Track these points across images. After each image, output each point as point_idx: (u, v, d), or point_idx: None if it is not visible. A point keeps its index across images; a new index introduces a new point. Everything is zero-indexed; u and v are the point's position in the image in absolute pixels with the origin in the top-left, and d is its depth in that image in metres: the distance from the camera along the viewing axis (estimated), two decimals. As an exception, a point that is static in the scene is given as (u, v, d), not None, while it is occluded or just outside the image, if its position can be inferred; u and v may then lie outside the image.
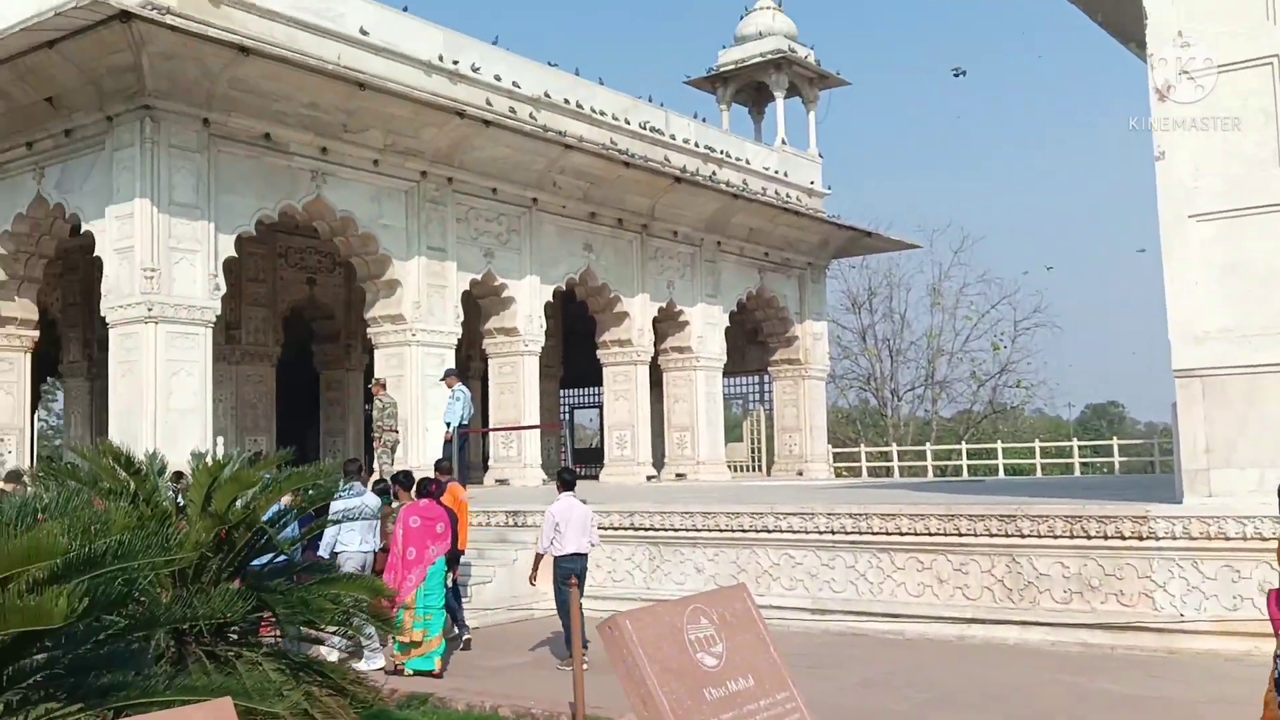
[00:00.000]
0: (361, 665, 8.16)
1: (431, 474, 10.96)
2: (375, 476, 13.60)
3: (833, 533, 10.81)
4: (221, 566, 5.96)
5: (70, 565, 2.90)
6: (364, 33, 17.63)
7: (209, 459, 6.14)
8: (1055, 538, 9.63)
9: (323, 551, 9.44)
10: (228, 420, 20.77)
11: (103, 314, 15.38)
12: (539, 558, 9.46)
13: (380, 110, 17.20)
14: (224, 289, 15.70)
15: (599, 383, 23.81)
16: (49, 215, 16.26)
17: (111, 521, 3.07)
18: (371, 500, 9.81)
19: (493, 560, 11.89)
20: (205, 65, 14.98)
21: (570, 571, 8.74)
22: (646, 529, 11.91)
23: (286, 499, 6.37)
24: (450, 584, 9.78)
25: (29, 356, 17.39)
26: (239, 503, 5.98)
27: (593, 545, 9.55)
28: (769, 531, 11.19)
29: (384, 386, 16.74)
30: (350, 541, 9.65)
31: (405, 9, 18.85)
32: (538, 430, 20.19)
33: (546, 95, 20.86)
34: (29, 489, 12.37)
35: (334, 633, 6.14)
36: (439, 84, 18.68)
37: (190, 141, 15.31)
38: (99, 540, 2.98)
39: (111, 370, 15.35)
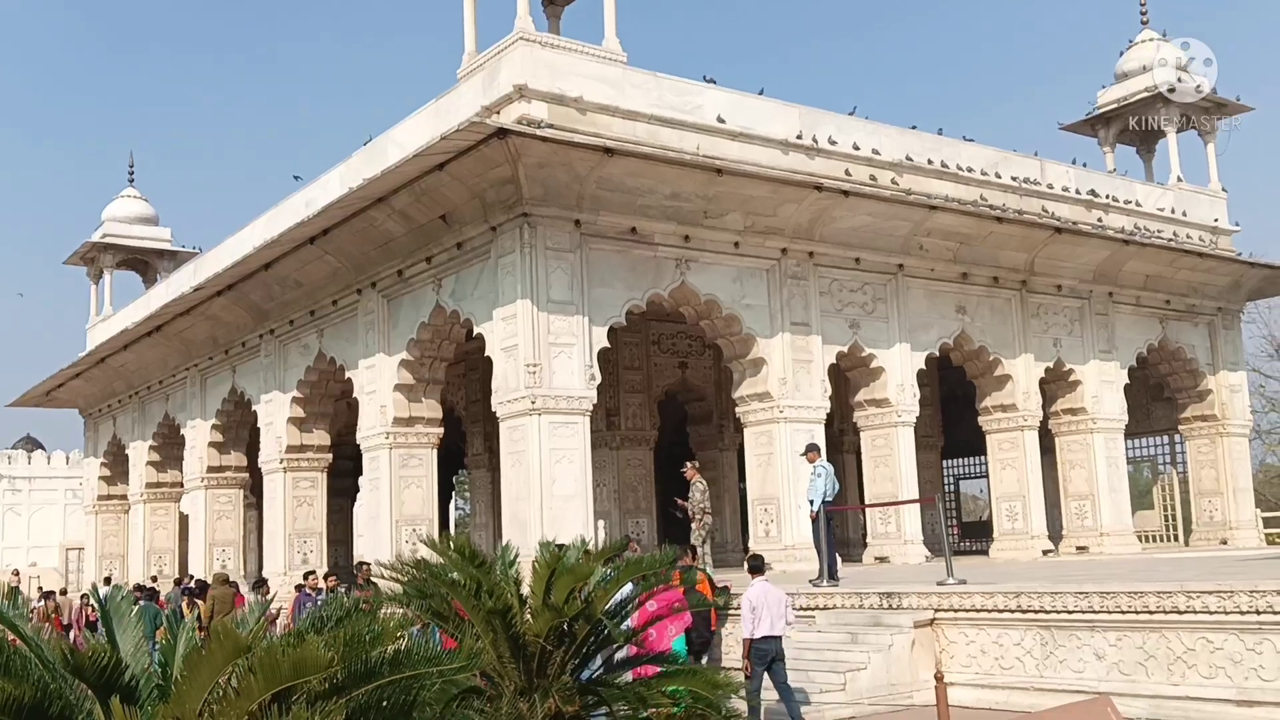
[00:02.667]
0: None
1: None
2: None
3: (1258, 612, 9.29)
4: (565, 659, 6.00)
5: (344, 681, 2.89)
6: (721, 120, 18.06)
7: (553, 548, 6.23)
8: None
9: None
10: (610, 503, 21.65)
11: (493, 409, 16.58)
12: (747, 643, 9.77)
13: (738, 193, 17.47)
14: (599, 378, 16.41)
15: (983, 451, 22.45)
16: (447, 322, 17.85)
17: (386, 630, 3.01)
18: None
19: (867, 645, 11.30)
20: (574, 170, 15.94)
21: (765, 653, 9.49)
22: (1036, 611, 10.86)
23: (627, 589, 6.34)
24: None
25: (435, 452, 19.05)
26: (582, 594, 6.03)
27: (789, 625, 10.05)
28: (1180, 612, 9.82)
29: (698, 470, 16.77)
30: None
31: (761, 92, 19.18)
32: (917, 505, 19.26)
33: (908, 159, 20.31)
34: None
35: (678, 728, 5.97)
36: (796, 160, 18.72)
37: (563, 242, 16.27)
38: (372, 650, 2.95)
39: (503, 460, 16.46)
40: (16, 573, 39.97)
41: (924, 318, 20.11)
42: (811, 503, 13.96)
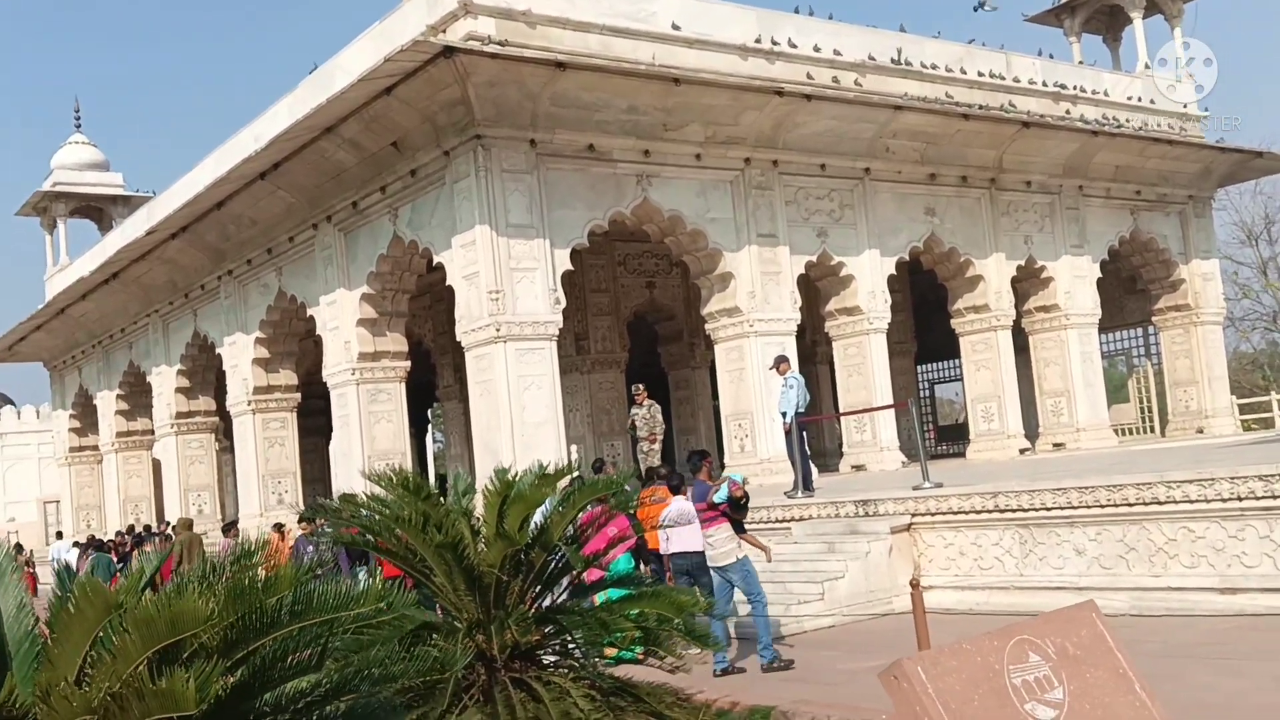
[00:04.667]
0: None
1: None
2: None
3: (1239, 499, 9.20)
4: (523, 589, 5.76)
5: (238, 635, 2.61)
6: (676, 28, 17.49)
7: (505, 475, 5.95)
8: None
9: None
10: (585, 428, 21.47)
11: (458, 338, 16.24)
12: (666, 559, 10.05)
13: (697, 103, 16.98)
14: (564, 302, 16.07)
15: (958, 355, 22.31)
16: (405, 252, 17.41)
17: (282, 576, 2.72)
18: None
19: (844, 554, 11.18)
20: (526, 87, 15.40)
21: (681, 568, 9.61)
22: (1014, 510, 10.74)
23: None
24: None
25: (403, 386, 18.73)
26: (533, 521, 5.76)
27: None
28: (1160, 503, 9.71)
29: (646, 393, 16.81)
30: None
31: (715, -3, 18.55)
32: (891, 411, 19.12)
33: (871, 58, 19.79)
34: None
35: (643, 654, 5.75)
36: (756, 66, 18.19)
37: (519, 163, 15.80)
38: (267, 598, 2.65)
39: (471, 390, 16.20)
40: (-7, 529, 39.80)
41: (893, 222, 19.77)
42: (784, 415, 13.77)
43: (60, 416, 33.51)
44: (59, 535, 30.09)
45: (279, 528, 18.55)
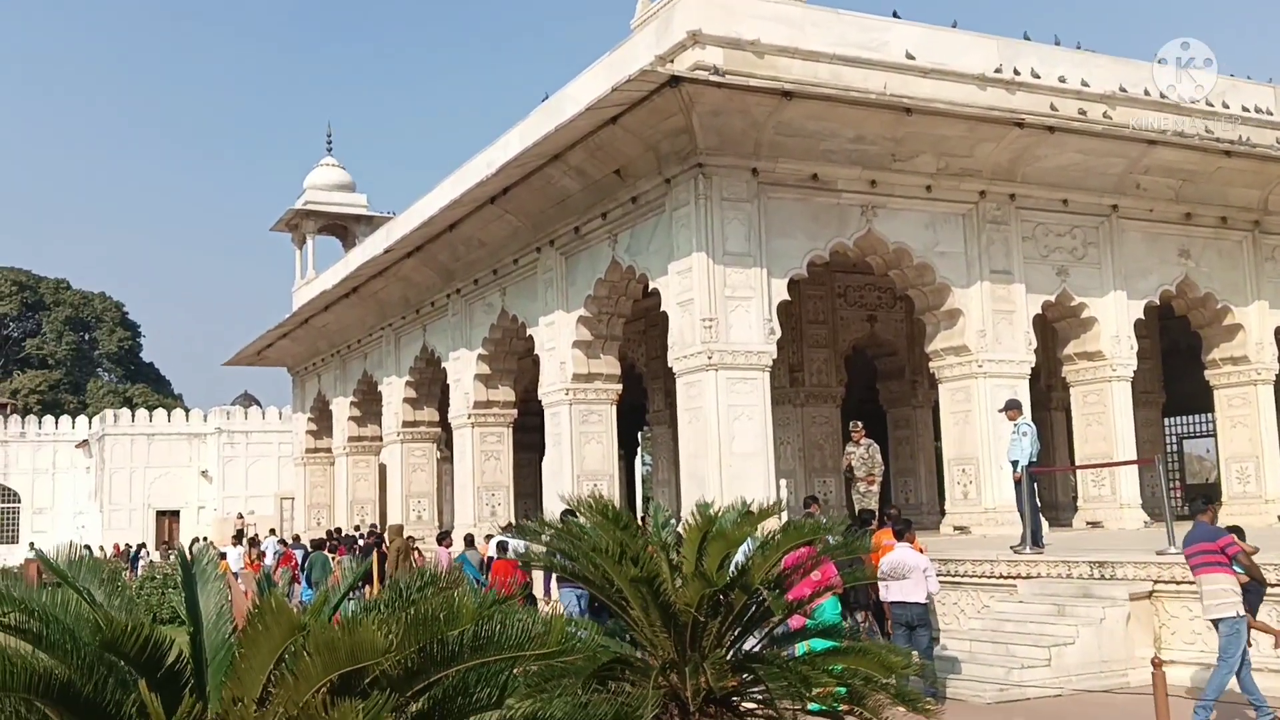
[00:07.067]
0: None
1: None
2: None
3: None
4: (721, 631, 5.45)
5: (419, 665, 2.44)
6: (910, 57, 16.88)
7: (707, 510, 5.67)
8: None
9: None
10: (795, 462, 20.92)
11: (670, 364, 16.14)
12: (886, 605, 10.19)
13: (929, 133, 16.31)
14: (778, 332, 15.70)
15: (1211, 408, 20.52)
16: (623, 277, 17.48)
17: (463, 609, 2.52)
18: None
19: (1075, 618, 10.30)
20: (750, 116, 15.19)
21: (898, 618, 9.74)
22: (1273, 585, 9.61)
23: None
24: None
25: (614, 408, 18.80)
26: (734, 560, 5.46)
27: (931, 593, 10.09)
28: None
29: (863, 431, 16.05)
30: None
31: (954, 25, 17.87)
32: (1134, 466, 17.70)
33: (1121, 90, 18.50)
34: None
35: (846, 709, 5.32)
36: (994, 97, 17.32)
37: (740, 192, 15.58)
38: (448, 631, 2.46)
39: (680, 417, 16.03)
40: (241, 516, 42.79)
41: (1142, 263, 18.41)
42: (1015, 464, 12.96)
43: (299, 419, 35.64)
44: (271, 532, 32.00)
45: (444, 538, 18.94)
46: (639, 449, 38.60)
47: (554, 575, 11.71)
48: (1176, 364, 23.82)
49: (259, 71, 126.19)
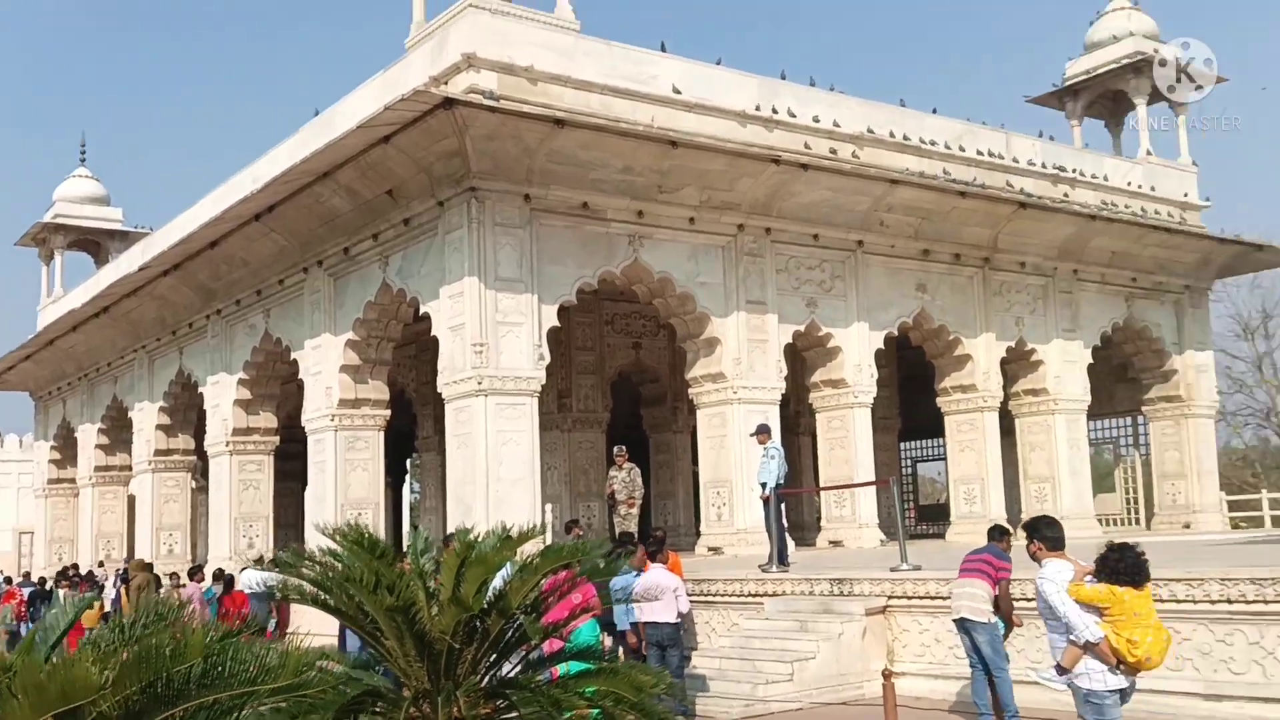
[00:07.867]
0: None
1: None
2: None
3: (1229, 601, 8.96)
4: (476, 658, 5.55)
5: (142, 705, 2.43)
6: (677, 91, 17.57)
7: (466, 536, 5.77)
8: None
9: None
10: (561, 486, 21.18)
11: (440, 390, 16.07)
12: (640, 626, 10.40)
13: (693, 167, 16.99)
14: (548, 359, 15.92)
15: (942, 434, 22.15)
16: (394, 301, 17.29)
17: (191, 643, 2.54)
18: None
19: (816, 634, 10.93)
20: (524, 142, 15.40)
21: (653, 638, 10.15)
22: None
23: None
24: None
25: (381, 435, 18.52)
26: (493, 585, 5.56)
27: (681, 613, 10.56)
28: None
29: (626, 456, 16.63)
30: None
31: (719, 62, 18.69)
32: (872, 488, 18.91)
33: (869, 131, 19.89)
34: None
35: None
36: (754, 134, 18.26)
37: (513, 218, 15.75)
38: (173, 667, 2.47)
39: (449, 443, 15.97)
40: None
41: (883, 296, 19.71)
42: (763, 485, 13.57)
43: (41, 447, 33.16)
44: (25, 577, 29.58)
45: (174, 577, 18.34)
46: (408, 476, 37.97)
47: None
48: (912, 391, 25.45)
49: (4, 71, 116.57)
